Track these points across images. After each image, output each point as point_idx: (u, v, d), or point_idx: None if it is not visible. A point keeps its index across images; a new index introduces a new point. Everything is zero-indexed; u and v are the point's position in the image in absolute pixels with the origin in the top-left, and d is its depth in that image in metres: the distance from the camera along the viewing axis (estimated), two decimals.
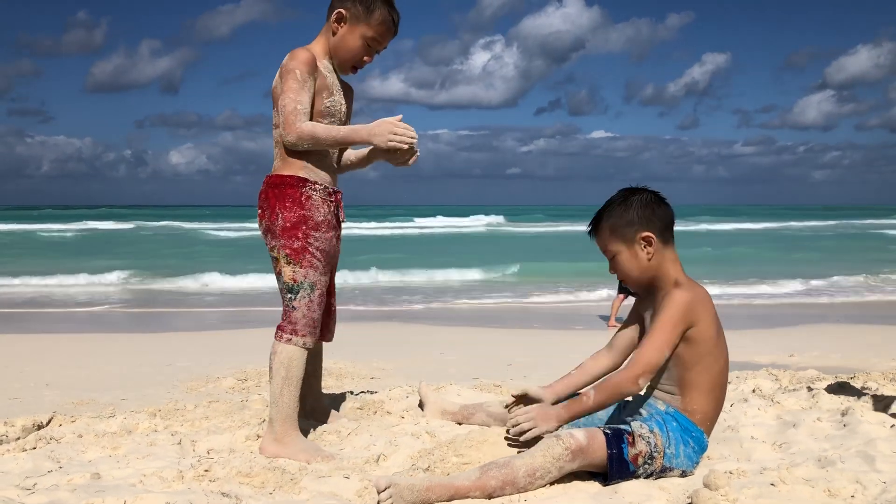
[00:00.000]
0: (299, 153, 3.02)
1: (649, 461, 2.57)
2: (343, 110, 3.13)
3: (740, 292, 13.71)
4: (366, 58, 3.13)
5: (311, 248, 3.00)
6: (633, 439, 2.57)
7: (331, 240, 3.09)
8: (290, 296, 3.00)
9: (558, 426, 2.69)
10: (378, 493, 2.35)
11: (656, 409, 2.71)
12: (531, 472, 2.47)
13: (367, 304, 12.18)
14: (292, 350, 2.98)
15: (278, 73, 3.04)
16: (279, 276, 3.03)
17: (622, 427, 2.62)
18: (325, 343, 3.38)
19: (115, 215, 63.37)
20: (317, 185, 3.04)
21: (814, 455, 2.74)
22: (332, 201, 3.10)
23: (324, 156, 3.08)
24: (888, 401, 3.31)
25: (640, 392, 2.73)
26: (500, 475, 2.45)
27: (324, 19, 3.16)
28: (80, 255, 23.19)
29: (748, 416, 3.29)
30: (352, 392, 3.99)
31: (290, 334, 2.98)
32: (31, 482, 2.63)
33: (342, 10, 3.06)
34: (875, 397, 3.45)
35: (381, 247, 26.41)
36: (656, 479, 2.59)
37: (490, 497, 2.44)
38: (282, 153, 3.06)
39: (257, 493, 2.55)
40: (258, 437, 3.11)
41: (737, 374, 4.70)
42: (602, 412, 2.83)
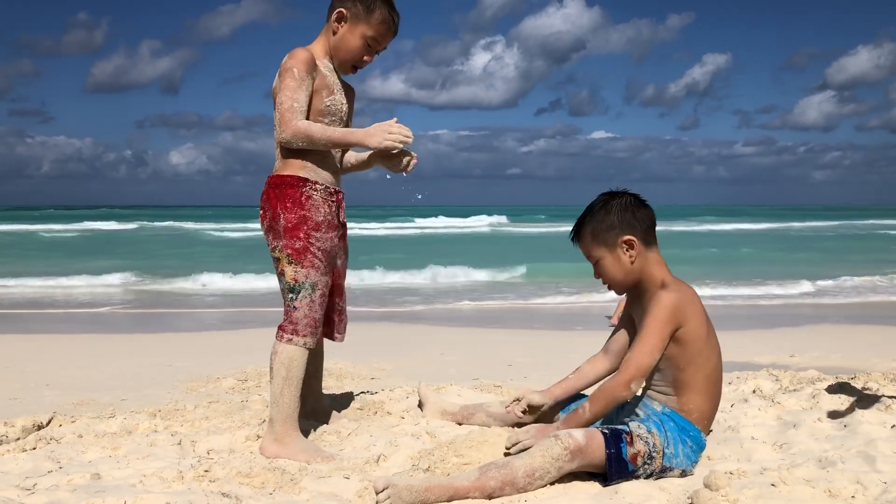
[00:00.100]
0: (300, 153, 3.02)
1: (648, 461, 2.57)
2: (344, 110, 3.13)
3: (748, 293, 13.71)
4: (366, 57, 3.14)
5: (312, 249, 2.99)
6: (631, 439, 2.57)
7: (332, 240, 3.09)
8: (291, 296, 3.00)
9: None
10: (376, 493, 2.35)
11: (653, 410, 2.72)
12: (530, 472, 2.47)
13: (369, 305, 12.18)
14: (293, 350, 2.98)
15: (278, 73, 3.04)
16: (281, 276, 3.03)
17: (620, 427, 2.62)
18: (328, 343, 3.38)
19: (116, 216, 63.36)
20: (317, 185, 3.04)
21: (814, 455, 2.74)
22: (333, 201, 3.09)
23: (326, 156, 3.08)
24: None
25: (635, 395, 2.74)
26: (499, 476, 2.45)
27: (324, 20, 3.16)
28: (81, 256, 23.18)
29: (749, 417, 3.29)
30: (352, 392, 3.99)
31: (291, 334, 2.98)
32: (31, 482, 2.63)
33: (342, 10, 3.06)
34: (873, 397, 3.44)
35: (383, 247, 26.38)
36: (656, 479, 2.59)
37: (490, 497, 2.44)
38: (283, 154, 3.05)
39: (257, 494, 2.54)
40: (258, 437, 3.11)
41: (737, 374, 4.69)
42: None
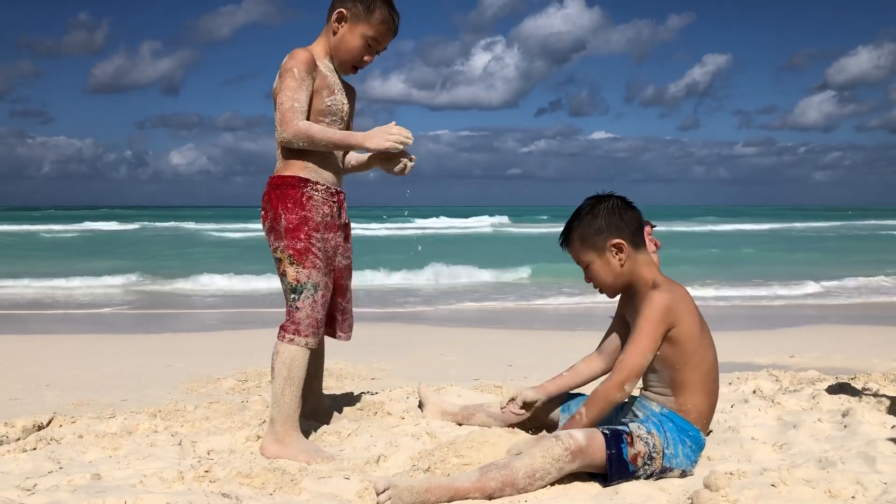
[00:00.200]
0: (301, 154, 3.02)
1: (649, 462, 2.57)
2: (345, 110, 3.13)
3: (752, 294, 13.72)
4: (366, 57, 3.14)
5: (313, 249, 3.00)
6: (631, 440, 2.57)
7: (333, 240, 3.09)
8: (293, 296, 3.00)
9: None
10: (377, 494, 2.35)
11: (651, 411, 2.72)
12: (531, 473, 2.47)
13: (369, 306, 12.17)
14: (295, 350, 2.98)
15: (278, 74, 3.05)
16: (283, 276, 3.03)
17: (621, 428, 2.62)
18: (329, 344, 3.38)
19: (117, 216, 63.38)
20: (318, 186, 3.04)
21: (814, 456, 2.74)
22: (334, 202, 3.09)
23: (328, 156, 3.08)
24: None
25: (631, 396, 2.74)
26: (499, 476, 2.45)
27: (324, 20, 3.16)
28: (81, 257, 23.19)
29: (749, 417, 3.29)
30: (352, 393, 3.99)
31: (293, 334, 2.98)
32: (32, 483, 2.63)
33: (342, 10, 3.07)
34: (875, 396, 3.44)
35: (384, 248, 26.35)
36: (656, 479, 2.59)
37: (490, 498, 2.44)
38: (284, 154, 3.06)
39: (257, 494, 2.54)
40: (258, 437, 3.11)
41: (737, 374, 4.69)
42: None
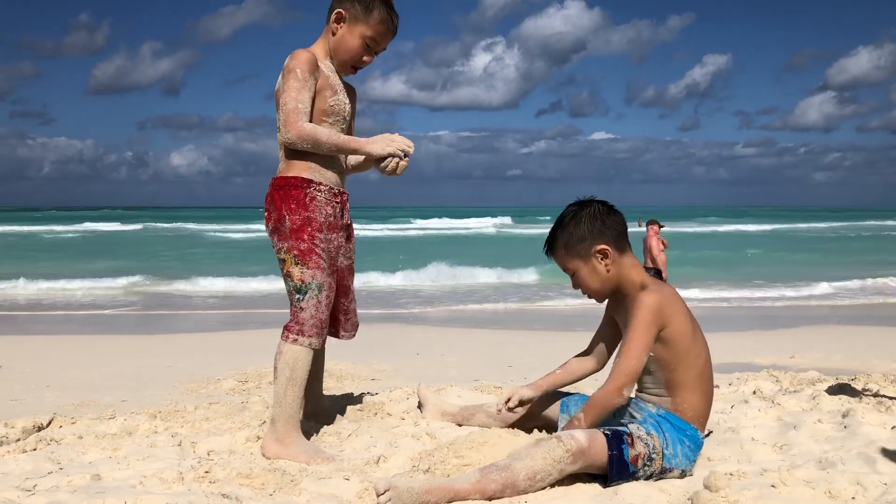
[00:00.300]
0: (304, 155, 3.02)
1: (648, 462, 2.57)
2: (347, 110, 3.14)
3: (762, 296, 13.75)
4: (365, 58, 3.14)
5: (317, 250, 3.00)
6: (632, 440, 2.57)
7: (336, 240, 3.09)
8: (298, 296, 3.00)
9: None
10: (377, 495, 2.35)
11: (648, 413, 2.72)
12: (532, 474, 2.47)
13: (371, 307, 12.18)
14: (298, 350, 2.98)
15: (281, 75, 3.05)
16: (287, 277, 3.03)
17: (621, 428, 2.62)
18: (330, 344, 3.38)
19: (118, 217, 63.41)
20: (321, 186, 3.04)
21: (814, 457, 2.73)
22: (337, 202, 3.10)
23: (331, 157, 3.08)
24: None
25: (628, 400, 2.74)
26: (500, 478, 2.44)
27: (324, 21, 3.16)
28: (84, 258, 23.21)
29: (749, 418, 3.29)
30: (352, 394, 3.99)
31: (297, 334, 2.99)
32: (32, 483, 2.63)
33: (341, 10, 3.07)
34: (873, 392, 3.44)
35: (386, 248, 26.33)
36: (656, 480, 2.59)
37: (490, 499, 2.43)
38: (287, 155, 3.06)
39: (257, 495, 2.54)
40: (258, 438, 3.11)
41: (737, 375, 4.69)
42: None
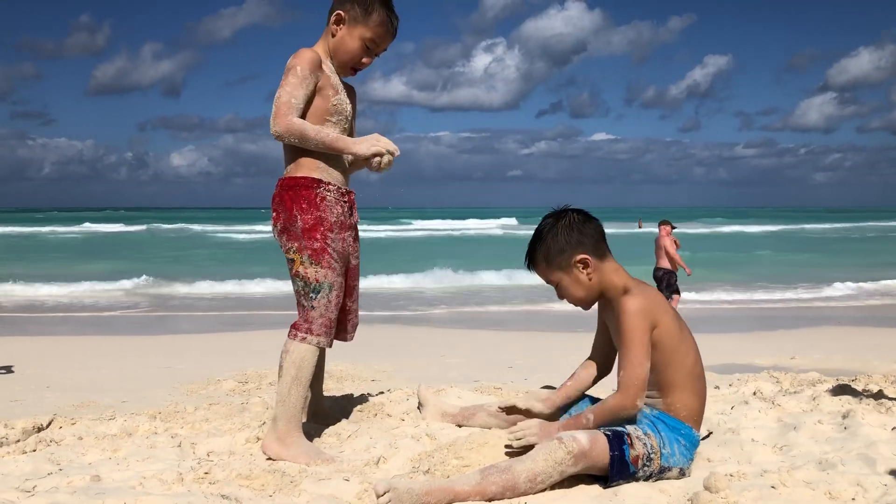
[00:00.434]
0: (311, 154, 3.02)
1: (647, 462, 2.57)
2: (349, 109, 3.15)
3: (783, 297, 13.77)
4: (365, 59, 3.14)
5: (328, 249, 3.01)
6: (631, 441, 2.57)
7: (346, 240, 3.10)
8: (312, 295, 2.99)
9: None
10: (377, 497, 2.34)
11: (643, 413, 2.72)
12: (532, 476, 2.46)
13: (372, 308, 12.17)
14: (305, 349, 2.98)
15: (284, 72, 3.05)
16: (295, 276, 3.02)
17: (620, 429, 2.62)
18: (334, 344, 3.38)
19: (120, 218, 63.43)
20: (330, 186, 3.05)
21: (814, 458, 2.73)
22: (345, 201, 3.11)
23: (336, 156, 3.09)
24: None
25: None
26: (500, 481, 2.44)
27: (325, 22, 3.16)
28: (87, 259, 23.21)
29: (749, 419, 3.29)
30: (352, 394, 3.98)
31: (306, 333, 2.99)
32: (31, 484, 2.62)
33: (341, 12, 3.07)
34: (873, 393, 3.44)
35: (391, 250, 26.29)
36: (655, 480, 2.59)
37: (490, 501, 2.43)
38: (294, 155, 3.06)
39: (257, 496, 2.54)
40: (258, 439, 3.11)
41: (738, 376, 4.69)
42: None
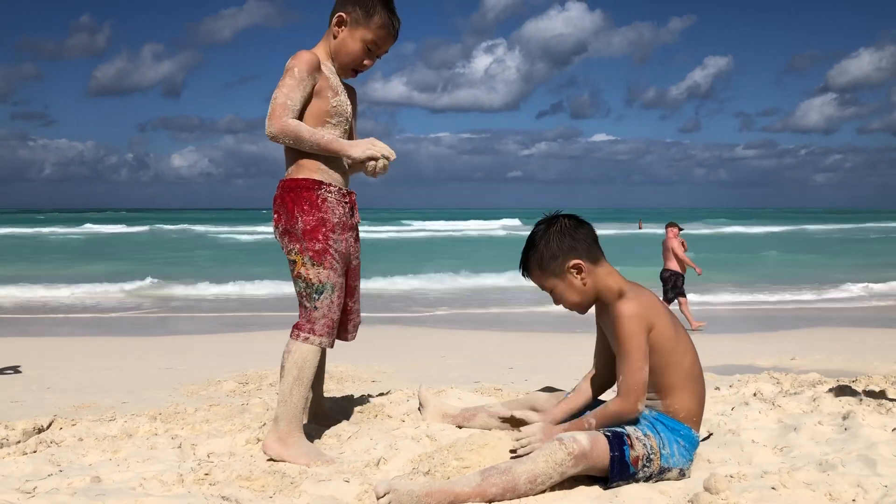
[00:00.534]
0: (312, 156, 3.03)
1: (647, 463, 2.58)
2: (349, 110, 3.16)
3: (794, 298, 13.79)
4: (366, 61, 3.15)
5: (330, 250, 3.02)
6: (631, 441, 2.57)
7: (347, 241, 3.10)
8: (314, 296, 3.00)
9: None
10: (377, 498, 2.34)
11: (643, 415, 2.71)
12: (533, 478, 2.46)
13: (372, 309, 12.17)
14: (308, 350, 2.99)
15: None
16: (297, 278, 3.03)
17: (620, 430, 2.62)
18: (335, 345, 3.38)
19: (122, 219, 63.42)
20: (331, 188, 3.06)
21: (815, 459, 2.73)
22: (346, 203, 3.11)
23: (336, 158, 3.09)
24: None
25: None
26: (500, 482, 2.44)
27: (326, 23, 3.17)
28: (83, 260, 23.21)
29: (749, 420, 3.28)
30: (353, 396, 3.98)
31: (309, 333, 2.99)
32: (31, 486, 2.62)
33: (342, 14, 3.08)
34: (873, 394, 3.44)
35: (389, 251, 26.28)
36: (656, 481, 2.59)
37: (490, 502, 2.43)
38: (295, 157, 3.06)
39: (257, 497, 2.54)
40: (258, 440, 3.11)
41: (738, 377, 4.69)
42: None
